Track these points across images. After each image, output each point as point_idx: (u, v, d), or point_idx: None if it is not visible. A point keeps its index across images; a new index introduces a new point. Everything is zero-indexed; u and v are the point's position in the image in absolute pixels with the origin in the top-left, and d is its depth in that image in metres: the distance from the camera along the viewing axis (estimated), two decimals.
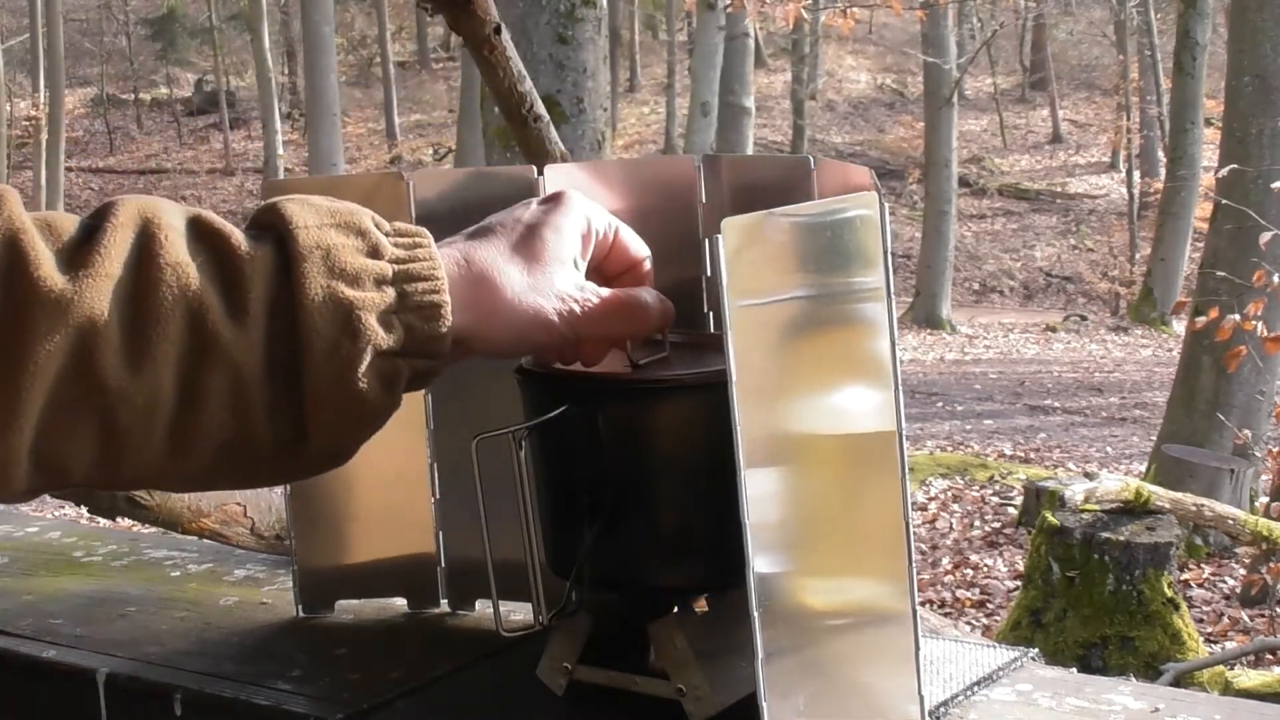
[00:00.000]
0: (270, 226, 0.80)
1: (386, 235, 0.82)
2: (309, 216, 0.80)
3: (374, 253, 0.80)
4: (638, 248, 0.97)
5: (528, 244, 0.87)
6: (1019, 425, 11.47)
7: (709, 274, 1.29)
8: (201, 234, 0.77)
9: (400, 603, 1.41)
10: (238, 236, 0.78)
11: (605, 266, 0.96)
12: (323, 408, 0.78)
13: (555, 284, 0.87)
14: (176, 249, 0.75)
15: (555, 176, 1.32)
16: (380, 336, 0.79)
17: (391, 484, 1.36)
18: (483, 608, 1.37)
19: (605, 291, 0.92)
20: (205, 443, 0.77)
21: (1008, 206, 23.12)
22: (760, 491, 0.92)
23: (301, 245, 0.78)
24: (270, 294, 0.77)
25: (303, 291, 0.77)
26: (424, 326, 0.81)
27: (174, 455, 0.77)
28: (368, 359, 0.78)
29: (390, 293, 0.80)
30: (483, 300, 0.84)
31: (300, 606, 1.41)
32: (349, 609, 1.41)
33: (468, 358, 0.88)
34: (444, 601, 1.37)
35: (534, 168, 1.31)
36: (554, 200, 0.92)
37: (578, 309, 0.89)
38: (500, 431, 1.08)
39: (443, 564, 1.36)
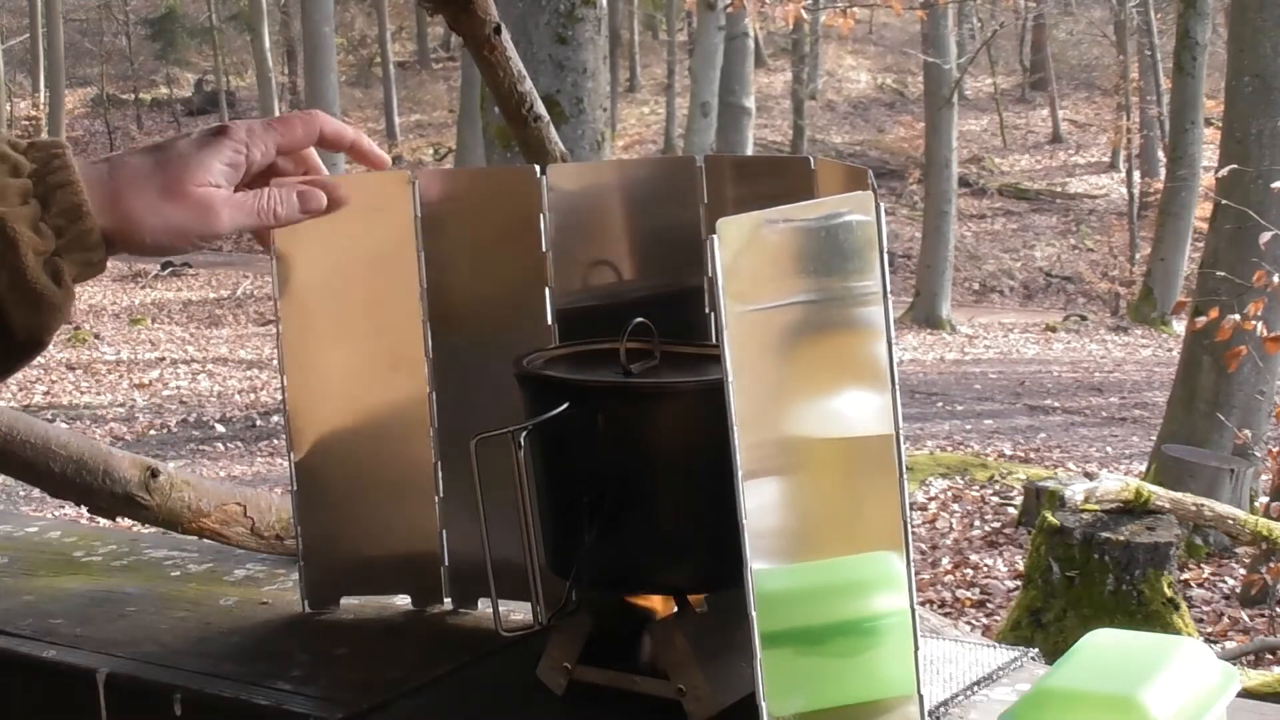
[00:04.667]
0: None
1: (24, 153, 0.97)
2: None
3: (14, 172, 0.95)
4: (306, 131, 1.11)
5: (171, 172, 1.02)
6: (1019, 425, 11.46)
7: (711, 275, 1.29)
8: None
9: (401, 601, 1.41)
10: None
11: (289, 155, 1.12)
12: (9, 305, 0.93)
13: (190, 192, 1.01)
14: None
15: (556, 177, 1.32)
16: (35, 241, 0.94)
17: (397, 483, 1.36)
18: (485, 607, 1.36)
19: (238, 196, 1.05)
20: None
21: (1008, 206, 23.09)
22: (759, 493, 0.92)
23: None
24: None
25: None
26: (71, 227, 0.96)
27: None
28: (30, 261, 0.94)
29: (35, 204, 0.95)
30: (120, 210, 1.00)
31: (306, 602, 1.40)
32: (349, 608, 1.41)
33: (130, 251, 1.02)
34: (448, 600, 1.37)
35: (535, 167, 1.32)
36: (213, 135, 1.06)
37: (211, 212, 1.03)
38: (500, 431, 1.08)
39: (446, 562, 1.36)
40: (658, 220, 1.31)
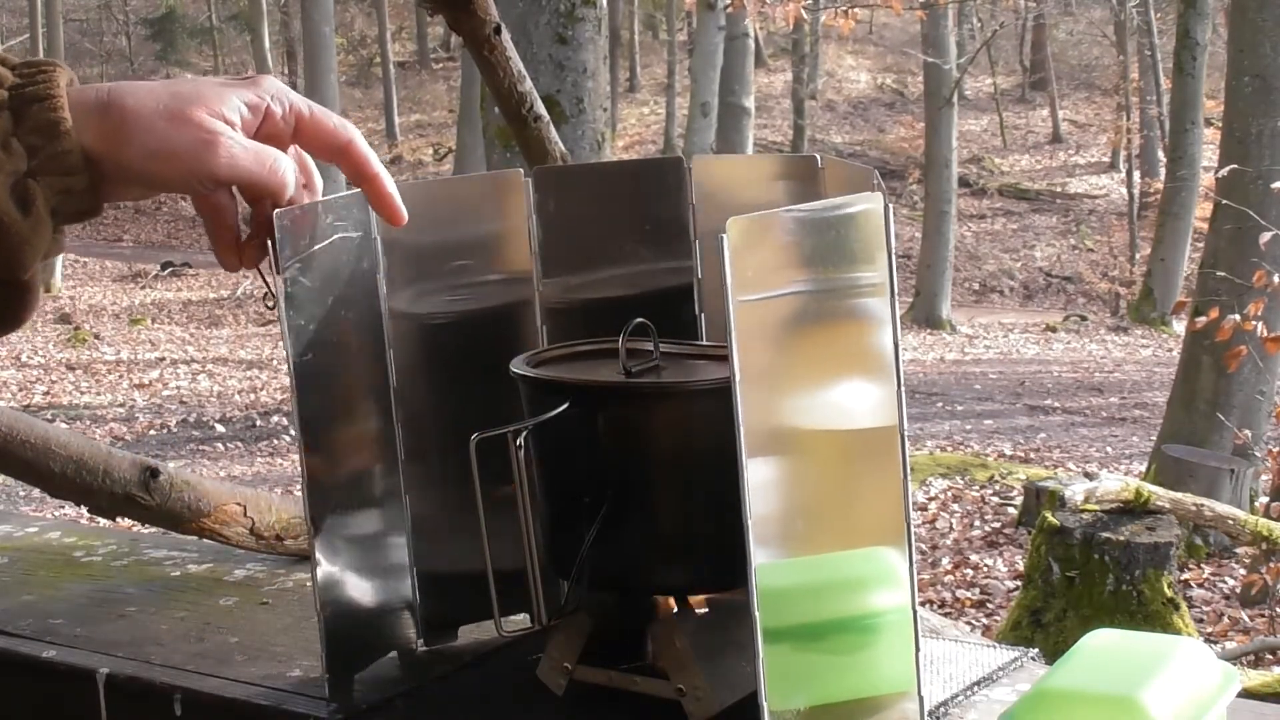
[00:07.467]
0: None
1: (14, 70, 0.87)
2: None
3: None
4: (339, 128, 0.98)
5: (182, 88, 0.91)
6: (1019, 425, 11.46)
7: (699, 275, 1.29)
8: None
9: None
10: None
11: (306, 145, 0.98)
12: None
13: (195, 116, 0.89)
14: None
15: (546, 180, 1.33)
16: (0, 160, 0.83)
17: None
18: (464, 636, 1.33)
19: (249, 141, 0.92)
20: None
21: (1008, 206, 23.09)
22: (761, 489, 0.92)
23: None
24: None
25: None
26: (47, 145, 0.85)
27: None
28: None
29: (6, 117, 0.84)
30: (113, 123, 0.88)
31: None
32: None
33: (125, 187, 0.91)
34: (419, 642, 1.27)
35: (520, 170, 1.32)
36: (239, 79, 0.95)
37: (213, 145, 0.89)
38: (499, 431, 1.08)
39: (417, 600, 1.27)
40: (649, 222, 1.31)
